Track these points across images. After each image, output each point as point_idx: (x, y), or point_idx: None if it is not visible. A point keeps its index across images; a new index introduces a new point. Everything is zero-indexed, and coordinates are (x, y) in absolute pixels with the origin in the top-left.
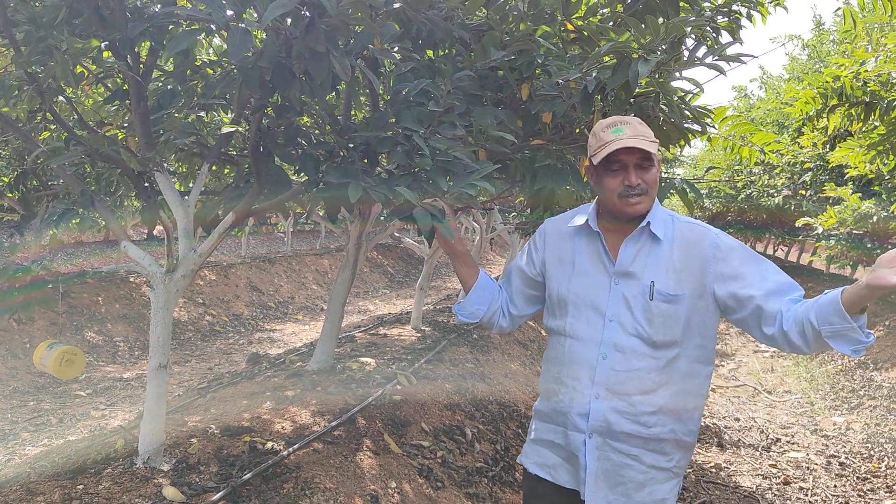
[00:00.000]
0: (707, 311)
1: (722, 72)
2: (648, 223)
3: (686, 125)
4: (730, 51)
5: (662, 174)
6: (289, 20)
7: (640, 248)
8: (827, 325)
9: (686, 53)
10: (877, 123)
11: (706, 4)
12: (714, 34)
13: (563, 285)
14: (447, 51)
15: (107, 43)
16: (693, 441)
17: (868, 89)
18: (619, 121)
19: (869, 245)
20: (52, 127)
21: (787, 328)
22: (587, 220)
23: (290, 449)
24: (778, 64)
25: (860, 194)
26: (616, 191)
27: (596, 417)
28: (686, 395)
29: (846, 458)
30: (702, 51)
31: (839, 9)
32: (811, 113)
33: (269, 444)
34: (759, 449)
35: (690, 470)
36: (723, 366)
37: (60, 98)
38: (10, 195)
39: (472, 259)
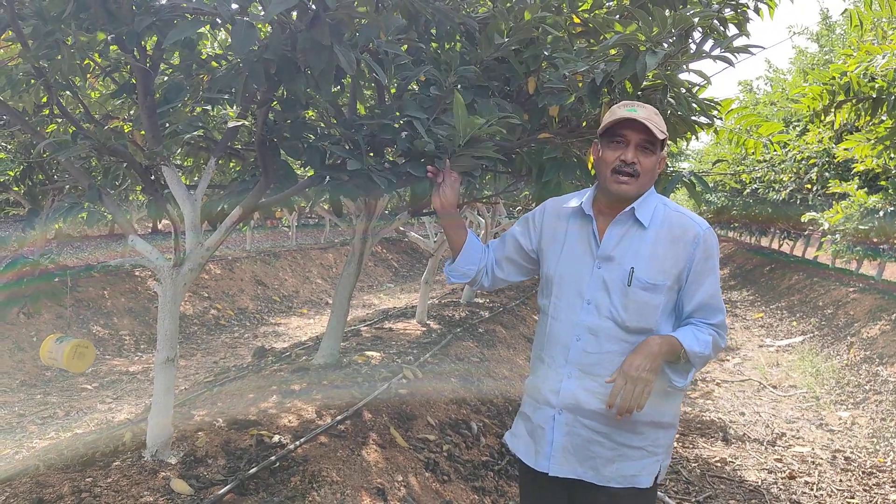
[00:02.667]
0: (675, 299)
1: (731, 63)
2: (633, 208)
3: (693, 118)
4: (737, 43)
5: (668, 168)
6: (294, 14)
7: (625, 233)
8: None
9: (693, 46)
10: (884, 118)
11: None
12: (721, 27)
13: (553, 265)
14: (452, 45)
15: (113, 37)
16: (672, 421)
17: (876, 85)
18: (636, 103)
19: (875, 240)
20: (59, 120)
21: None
22: (581, 203)
23: (297, 442)
24: (785, 60)
25: (866, 189)
26: (611, 165)
27: (566, 395)
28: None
29: (851, 452)
30: (709, 44)
31: (846, 11)
32: (818, 109)
33: (276, 438)
34: (765, 443)
35: (696, 464)
36: (727, 360)
37: (67, 92)
38: (17, 189)
39: (462, 221)
